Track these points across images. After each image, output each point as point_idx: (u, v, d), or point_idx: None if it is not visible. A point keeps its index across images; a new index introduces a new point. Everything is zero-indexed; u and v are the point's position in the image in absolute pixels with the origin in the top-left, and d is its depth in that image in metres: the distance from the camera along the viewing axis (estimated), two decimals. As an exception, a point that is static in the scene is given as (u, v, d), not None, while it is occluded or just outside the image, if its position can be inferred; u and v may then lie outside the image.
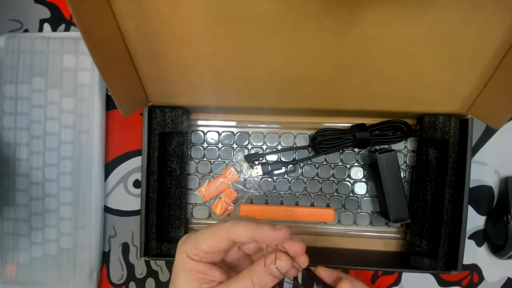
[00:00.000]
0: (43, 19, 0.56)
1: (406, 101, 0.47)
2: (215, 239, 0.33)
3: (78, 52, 0.53)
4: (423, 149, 0.50)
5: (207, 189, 0.53)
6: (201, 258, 0.34)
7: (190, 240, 0.34)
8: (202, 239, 0.34)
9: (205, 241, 0.34)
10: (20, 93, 0.53)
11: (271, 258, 0.32)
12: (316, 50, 0.40)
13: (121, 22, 0.38)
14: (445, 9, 0.36)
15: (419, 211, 0.50)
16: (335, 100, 0.47)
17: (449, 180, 0.48)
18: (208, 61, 0.43)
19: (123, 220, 0.56)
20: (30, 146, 0.53)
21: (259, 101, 0.48)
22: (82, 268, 0.53)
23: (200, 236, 0.34)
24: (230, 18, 0.37)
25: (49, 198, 0.53)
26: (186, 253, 0.34)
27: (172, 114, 0.50)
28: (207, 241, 0.34)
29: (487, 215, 0.54)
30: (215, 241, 0.33)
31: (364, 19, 0.37)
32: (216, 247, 0.33)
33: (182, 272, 0.34)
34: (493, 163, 0.54)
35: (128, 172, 0.56)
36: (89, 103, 0.53)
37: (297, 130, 0.53)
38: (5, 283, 0.54)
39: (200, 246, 0.34)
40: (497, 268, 0.54)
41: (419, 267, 0.49)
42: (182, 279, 0.34)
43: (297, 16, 0.37)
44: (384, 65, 0.42)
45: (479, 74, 0.42)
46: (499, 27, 0.37)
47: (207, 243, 0.33)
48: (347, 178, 0.53)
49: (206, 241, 0.34)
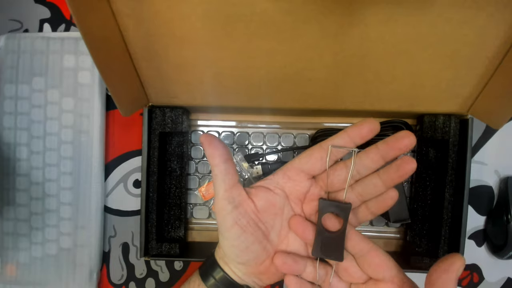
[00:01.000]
0: (43, 19, 0.56)
1: (406, 101, 0.47)
2: (307, 157, 0.34)
3: (78, 52, 0.53)
4: (423, 149, 0.50)
5: (207, 189, 0.53)
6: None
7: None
8: (295, 159, 0.35)
9: (298, 159, 0.35)
10: (20, 93, 0.53)
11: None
12: (316, 50, 0.40)
13: (121, 22, 0.38)
14: (445, 9, 0.36)
15: (419, 211, 0.50)
16: (335, 100, 0.47)
17: (449, 180, 0.48)
18: (208, 61, 0.43)
19: (123, 220, 0.56)
20: (30, 146, 0.53)
21: (259, 101, 0.48)
22: (82, 268, 0.53)
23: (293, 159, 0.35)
24: (230, 18, 0.37)
25: (49, 198, 0.53)
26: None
27: (172, 114, 0.50)
28: (300, 158, 0.35)
29: (487, 215, 0.54)
30: (307, 158, 0.34)
31: (364, 19, 0.37)
32: (305, 162, 0.34)
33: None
34: (493, 163, 0.54)
35: (128, 172, 0.56)
36: (89, 103, 0.53)
37: (297, 130, 0.53)
38: (5, 283, 0.54)
39: (292, 163, 0.35)
40: (497, 268, 0.54)
41: (419, 267, 0.49)
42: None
43: (297, 16, 0.37)
44: (384, 65, 0.42)
45: (479, 74, 0.42)
46: (499, 27, 0.37)
47: (299, 159, 0.35)
48: (347, 178, 0.53)
49: (300, 158, 0.35)
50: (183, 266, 0.56)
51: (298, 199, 0.35)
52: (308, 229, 0.34)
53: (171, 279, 0.56)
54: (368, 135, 0.32)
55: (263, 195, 0.34)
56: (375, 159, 0.33)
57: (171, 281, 0.56)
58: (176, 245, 0.50)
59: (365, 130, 0.32)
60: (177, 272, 0.56)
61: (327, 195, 0.34)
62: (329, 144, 0.33)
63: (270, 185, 0.35)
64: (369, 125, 0.32)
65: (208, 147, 0.33)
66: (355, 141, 0.33)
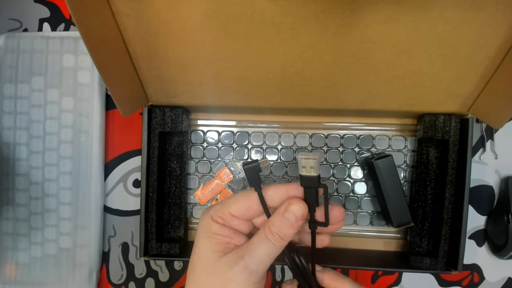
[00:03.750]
0: (43, 19, 0.56)
1: (406, 101, 0.46)
2: (245, 201, 0.32)
3: (78, 52, 0.53)
4: (424, 149, 0.50)
5: (203, 192, 0.53)
6: (225, 222, 0.33)
7: (217, 205, 0.33)
8: (230, 202, 0.33)
9: (234, 203, 0.33)
10: (19, 92, 0.53)
11: (286, 203, 0.32)
12: (316, 50, 0.40)
13: (120, 22, 0.38)
14: (446, 9, 0.36)
15: (419, 211, 0.50)
16: (335, 100, 0.47)
17: (450, 180, 0.48)
18: (208, 61, 0.43)
19: (122, 220, 0.56)
20: (29, 146, 0.53)
21: (259, 101, 0.48)
22: (82, 268, 0.53)
23: (228, 200, 0.33)
24: (230, 18, 0.37)
25: (49, 198, 0.53)
26: (211, 216, 0.33)
27: (172, 114, 0.50)
28: (236, 204, 0.32)
29: (487, 215, 0.54)
30: (245, 204, 0.32)
31: (365, 19, 0.37)
32: (245, 210, 0.32)
33: (204, 236, 0.33)
34: (494, 162, 0.54)
35: (128, 171, 0.56)
36: (89, 102, 0.53)
37: (297, 130, 0.53)
38: (4, 283, 0.54)
39: (228, 208, 0.32)
40: (497, 268, 0.54)
41: (420, 267, 0.48)
42: (204, 243, 0.33)
43: (297, 16, 0.37)
44: (384, 65, 0.42)
45: (479, 74, 0.42)
46: (499, 27, 0.37)
47: (236, 206, 0.32)
48: (347, 177, 0.53)
49: (235, 203, 0.32)
50: (183, 266, 0.56)
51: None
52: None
53: (171, 279, 0.56)
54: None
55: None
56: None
57: (171, 281, 0.56)
58: (176, 245, 0.50)
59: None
60: (177, 272, 0.56)
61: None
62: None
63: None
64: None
65: None
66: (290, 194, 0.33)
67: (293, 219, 0.31)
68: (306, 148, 0.53)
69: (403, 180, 0.52)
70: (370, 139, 0.52)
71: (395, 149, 0.52)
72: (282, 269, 0.55)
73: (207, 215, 0.33)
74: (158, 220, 0.50)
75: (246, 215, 0.33)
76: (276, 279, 0.55)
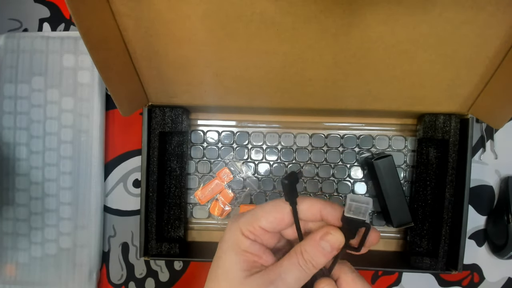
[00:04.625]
0: (43, 19, 0.56)
1: (406, 101, 0.46)
2: (276, 214, 0.30)
3: (78, 52, 0.53)
4: (424, 149, 0.50)
5: (203, 193, 0.53)
6: (256, 237, 0.31)
7: (247, 215, 0.31)
8: (261, 214, 0.31)
9: (265, 216, 0.30)
10: (19, 92, 0.53)
11: (323, 232, 0.30)
12: (316, 50, 0.40)
13: (120, 22, 0.38)
14: (446, 9, 0.36)
15: (419, 211, 0.50)
16: (335, 100, 0.47)
17: (450, 180, 0.48)
18: (208, 61, 0.43)
19: (122, 220, 0.56)
20: (29, 146, 0.53)
21: (259, 101, 0.48)
22: (82, 268, 0.53)
23: (259, 211, 0.31)
24: (230, 18, 0.37)
25: (49, 198, 0.53)
26: (241, 230, 0.31)
27: (172, 114, 0.50)
28: (267, 217, 0.30)
29: (487, 215, 0.54)
30: (277, 217, 0.30)
31: (365, 19, 0.37)
32: (277, 223, 0.30)
33: (232, 252, 0.30)
34: (494, 162, 0.54)
35: (128, 171, 0.56)
36: (89, 102, 0.53)
37: (297, 130, 0.53)
38: (4, 283, 0.54)
39: (259, 222, 0.30)
40: (497, 268, 0.54)
41: (420, 267, 0.49)
42: (231, 259, 0.30)
43: (297, 17, 0.37)
44: (384, 65, 0.42)
45: (479, 74, 0.42)
46: (499, 27, 0.37)
47: (268, 219, 0.30)
48: (347, 177, 0.53)
49: (266, 216, 0.30)
50: (183, 266, 0.56)
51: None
52: None
53: (171, 279, 0.56)
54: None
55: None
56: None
57: (171, 281, 0.56)
58: (176, 245, 0.50)
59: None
60: (177, 272, 0.56)
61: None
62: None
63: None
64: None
65: None
66: (324, 215, 0.31)
67: (329, 249, 0.30)
68: (306, 148, 0.53)
69: (403, 180, 0.52)
70: (370, 139, 0.52)
71: (395, 149, 0.52)
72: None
73: (237, 228, 0.31)
74: (158, 220, 0.50)
75: (277, 228, 0.31)
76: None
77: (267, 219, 0.30)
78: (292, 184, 0.30)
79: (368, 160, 0.50)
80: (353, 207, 0.29)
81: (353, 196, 0.29)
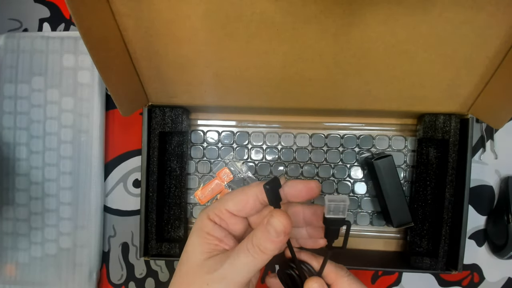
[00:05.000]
0: (43, 19, 0.56)
1: (406, 101, 0.46)
2: (242, 196, 0.32)
3: (78, 52, 0.53)
4: (424, 149, 0.50)
5: (203, 193, 0.53)
6: (221, 221, 0.32)
7: (216, 202, 0.33)
8: (228, 197, 0.32)
9: (231, 199, 0.32)
10: (19, 92, 0.53)
11: (269, 215, 0.30)
12: (316, 50, 0.40)
13: (120, 22, 0.38)
14: (446, 9, 0.36)
15: (419, 211, 0.50)
16: (335, 100, 0.47)
17: (450, 180, 0.48)
18: (208, 61, 0.43)
19: (122, 220, 0.56)
20: (29, 146, 0.53)
21: (259, 101, 0.48)
22: (82, 268, 0.53)
23: (227, 196, 0.32)
24: (230, 18, 0.37)
25: (49, 198, 0.53)
26: (207, 214, 0.32)
27: (172, 114, 0.50)
28: (233, 200, 0.32)
29: (487, 215, 0.54)
30: (242, 199, 0.32)
31: (364, 19, 0.37)
32: (242, 206, 0.32)
33: (195, 235, 0.32)
34: (494, 162, 0.54)
35: (128, 171, 0.56)
36: (89, 102, 0.53)
37: (297, 130, 0.53)
38: (4, 283, 0.54)
39: (225, 204, 0.32)
40: (497, 268, 0.54)
41: (420, 267, 0.49)
42: (194, 242, 0.32)
43: (297, 17, 0.37)
44: (384, 65, 0.42)
45: (479, 74, 0.42)
46: (499, 27, 0.37)
47: (233, 201, 0.32)
48: (347, 177, 0.53)
49: (233, 199, 0.32)
50: (183, 266, 0.56)
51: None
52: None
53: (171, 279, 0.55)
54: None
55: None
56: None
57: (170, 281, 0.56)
58: (176, 245, 0.50)
59: (309, 193, 0.32)
60: None
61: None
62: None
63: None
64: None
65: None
66: (287, 193, 0.33)
67: (274, 234, 0.29)
68: (306, 148, 0.53)
69: (403, 180, 0.52)
70: (370, 139, 0.52)
71: (395, 149, 0.52)
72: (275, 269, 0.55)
73: (204, 213, 0.33)
74: (158, 220, 0.50)
75: (243, 211, 0.32)
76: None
77: (232, 200, 0.32)
78: (274, 189, 0.31)
79: (368, 160, 0.50)
80: (332, 207, 0.30)
81: (330, 197, 0.30)
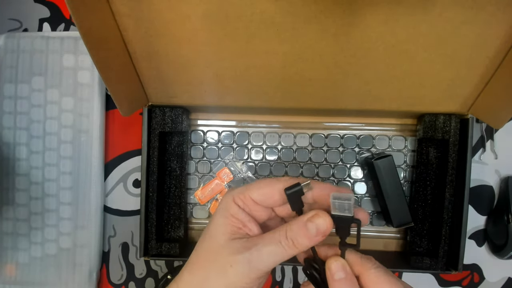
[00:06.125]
0: (43, 19, 0.56)
1: (406, 101, 0.46)
2: (268, 189, 0.32)
3: (78, 52, 0.53)
4: (424, 149, 0.50)
5: (203, 192, 0.53)
6: (245, 206, 0.32)
7: (241, 187, 0.33)
8: (254, 187, 0.32)
9: (257, 189, 0.32)
10: (19, 92, 0.53)
11: (312, 214, 0.30)
12: (316, 50, 0.40)
13: (120, 22, 0.38)
14: (446, 9, 0.36)
15: (419, 211, 0.50)
16: (335, 100, 0.47)
17: (450, 180, 0.48)
18: (208, 61, 0.43)
19: (122, 220, 0.56)
20: (29, 146, 0.53)
21: (259, 101, 0.48)
22: (82, 268, 0.53)
23: (252, 185, 0.33)
24: (230, 18, 0.37)
25: (49, 198, 0.53)
26: (232, 197, 0.32)
27: (172, 114, 0.50)
28: (259, 190, 0.32)
29: (487, 215, 0.54)
30: (267, 191, 0.32)
31: (365, 19, 0.37)
32: (267, 197, 0.32)
33: (219, 215, 0.32)
34: (494, 162, 0.54)
35: (128, 171, 0.56)
36: (89, 102, 0.53)
37: (297, 130, 0.53)
38: (4, 283, 0.54)
39: (250, 192, 0.32)
40: (497, 268, 0.54)
41: (420, 267, 0.49)
42: (218, 221, 0.32)
43: (297, 17, 0.37)
44: (384, 65, 0.42)
45: (479, 74, 0.42)
46: (499, 27, 0.37)
47: (258, 191, 0.32)
48: (347, 177, 0.53)
49: (258, 189, 0.32)
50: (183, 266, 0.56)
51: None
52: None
53: (171, 279, 0.56)
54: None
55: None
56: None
57: (171, 281, 0.56)
58: (176, 245, 0.50)
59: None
60: (177, 272, 0.56)
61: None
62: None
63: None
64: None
65: None
66: (315, 194, 0.33)
67: (314, 232, 0.30)
68: (306, 148, 0.53)
69: (403, 180, 0.52)
70: (370, 139, 0.52)
71: (395, 149, 0.52)
72: (282, 269, 0.55)
73: (229, 195, 0.33)
74: (158, 220, 0.50)
75: (266, 202, 0.33)
76: (276, 279, 0.55)
77: (257, 191, 0.32)
78: (296, 194, 0.31)
79: (368, 160, 0.50)
80: (337, 205, 0.30)
81: (335, 194, 0.31)
